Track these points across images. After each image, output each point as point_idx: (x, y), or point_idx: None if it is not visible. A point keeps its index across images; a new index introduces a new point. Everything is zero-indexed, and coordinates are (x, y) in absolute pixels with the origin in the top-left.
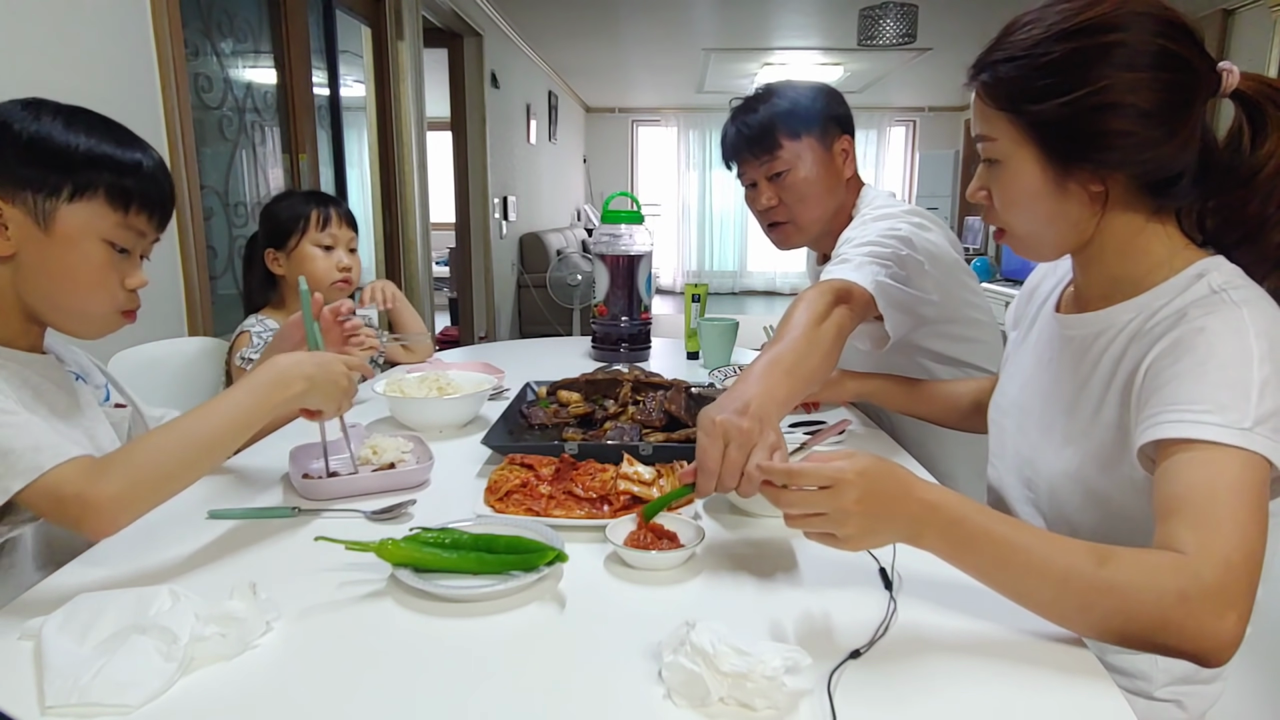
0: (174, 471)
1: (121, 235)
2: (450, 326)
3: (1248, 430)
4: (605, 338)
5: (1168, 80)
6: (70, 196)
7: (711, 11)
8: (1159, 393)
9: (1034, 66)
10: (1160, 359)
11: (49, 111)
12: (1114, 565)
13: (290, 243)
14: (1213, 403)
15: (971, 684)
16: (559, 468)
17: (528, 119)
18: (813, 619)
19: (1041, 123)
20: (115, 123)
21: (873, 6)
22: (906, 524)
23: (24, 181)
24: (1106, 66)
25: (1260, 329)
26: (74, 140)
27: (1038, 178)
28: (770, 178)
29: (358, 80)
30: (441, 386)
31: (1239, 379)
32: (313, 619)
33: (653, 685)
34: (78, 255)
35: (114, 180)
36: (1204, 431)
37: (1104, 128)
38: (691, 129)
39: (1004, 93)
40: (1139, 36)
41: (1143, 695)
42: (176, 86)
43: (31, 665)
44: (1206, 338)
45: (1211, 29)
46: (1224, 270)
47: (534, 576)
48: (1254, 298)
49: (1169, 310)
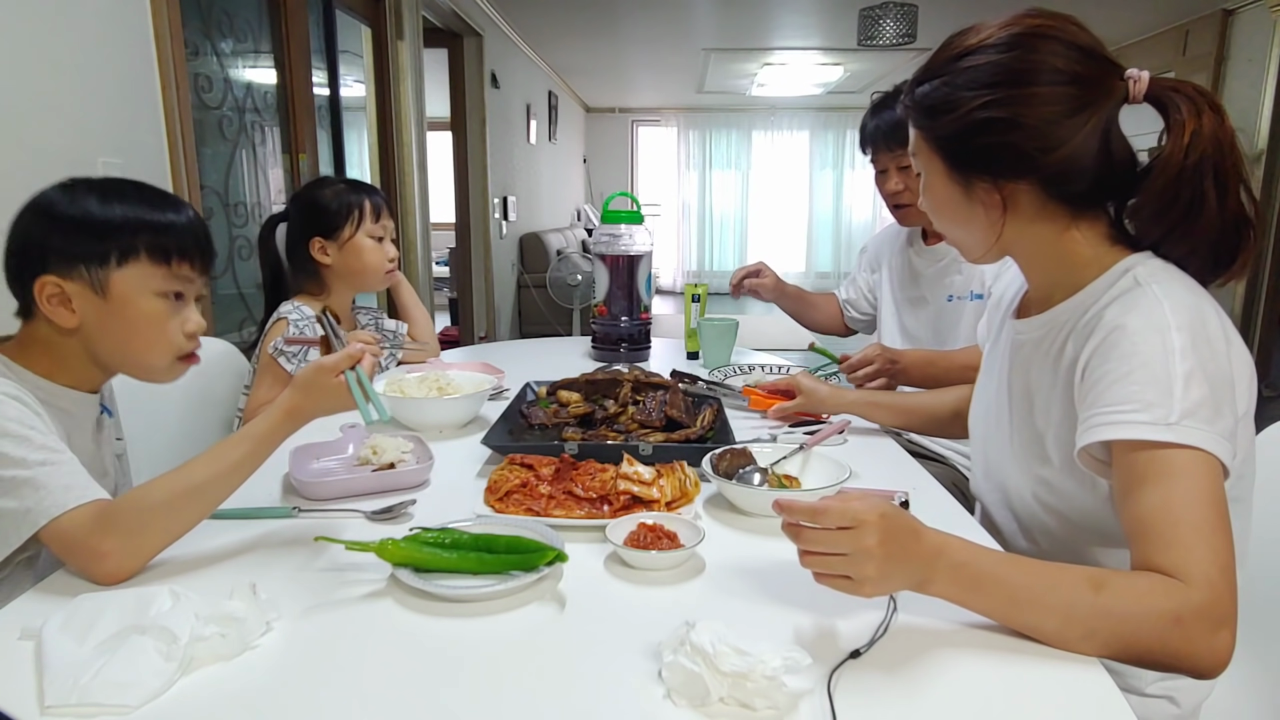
0: (177, 522)
1: (171, 284)
2: (450, 326)
3: (1173, 425)
4: (605, 338)
5: (1047, 95)
6: (118, 262)
7: (711, 11)
8: (1091, 393)
9: (935, 86)
10: (1091, 358)
11: (83, 189)
12: (1109, 593)
13: (344, 233)
14: (1139, 401)
15: (971, 683)
16: (559, 468)
17: (528, 119)
18: (813, 619)
19: (939, 137)
20: (148, 186)
21: (873, 6)
22: (918, 568)
23: (75, 257)
24: (988, 86)
25: (1181, 321)
26: (111, 212)
27: (945, 187)
28: (901, 168)
29: (358, 80)
30: (441, 386)
31: (1162, 375)
32: (313, 619)
33: (653, 685)
34: (135, 311)
35: (152, 240)
36: (1133, 431)
37: (987, 142)
38: (691, 129)
39: (914, 110)
40: (1021, 57)
41: (1134, 692)
42: (176, 86)
43: (31, 665)
44: (1129, 335)
45: (1211, 29)
46: (1149, 265)
47: (534, 576)
48: (1177, 290)
49: (1097, 308)
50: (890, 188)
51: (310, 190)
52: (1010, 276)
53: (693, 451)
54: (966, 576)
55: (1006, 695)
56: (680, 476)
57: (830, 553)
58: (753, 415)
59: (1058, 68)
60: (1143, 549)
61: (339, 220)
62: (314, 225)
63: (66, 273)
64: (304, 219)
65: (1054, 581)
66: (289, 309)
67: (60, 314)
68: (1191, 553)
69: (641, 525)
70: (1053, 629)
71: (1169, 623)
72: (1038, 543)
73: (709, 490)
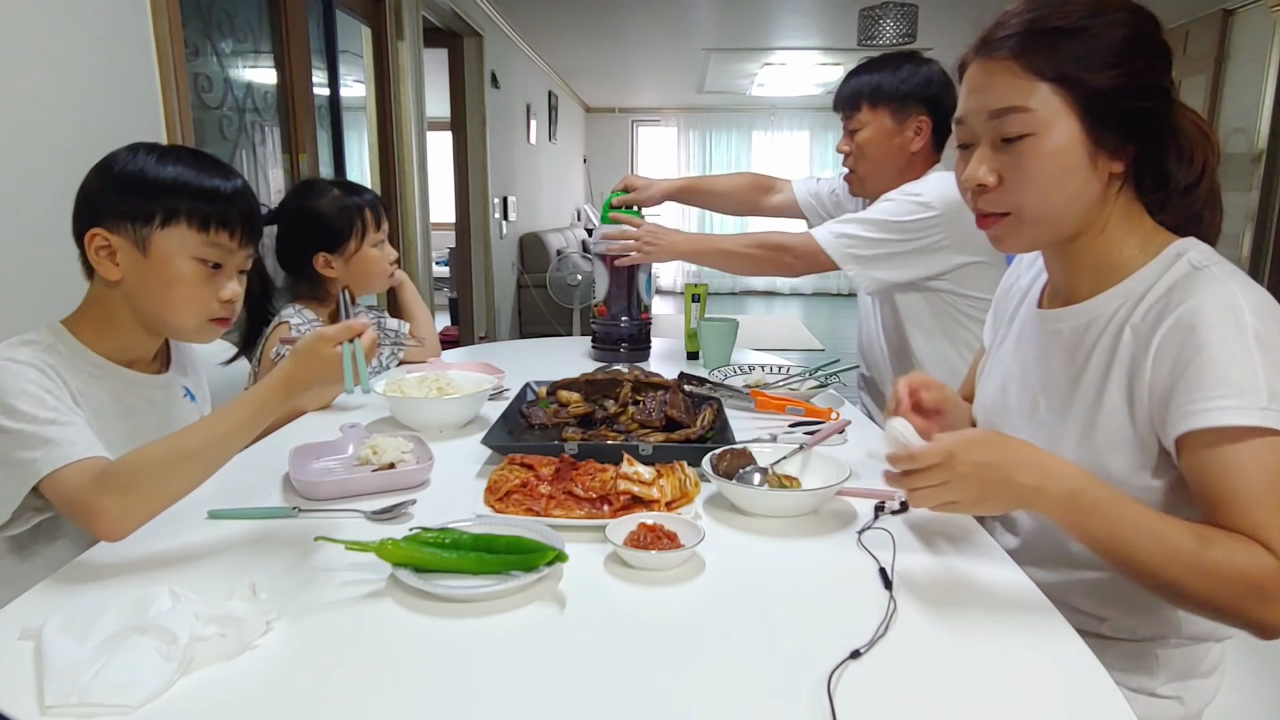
0: (174, 483)
1: (208, 252)
2: (450, 326)
3: (1265, 409)
4: (605, 338)
5: (1167, 70)
6: (161, 223)
7: (711, 11)
8: (1175, 387)
9: (1090, 38)
10: (1162, 346)
11: (145, 150)
12: (1215, 548)
13: (349, 247)
14: (1225, 385)
15: (971, 684)
16: (559, 468)
17: (528, 119)
18: (813, 619)
19: (1093, 93)
20: (204, 154)
21: (873, 6)
22: (1019, 486)
23: (124, 214)
24: (1149, 52)
25: (1250, 303)
26: (161, 173)
27: (1074, 152)
28: (850, 131)
29: (358, 80)
30: (441, 386)
31: (1242, 357)
32: (313, 619)
33: (653, 685)
34: (171, 272)
35: (193, 205)
36: (1226, 417)
37: (1145, 106)
38: (691, 129)
39: (1053, 60)
40: (1159, 31)
41: (1144, 693)
42: (176, 86)
43: (31, 665)
44: (1204, 318)
45: (1211, 29)
46: (1200, 249)
47: (534, 576)
48: (1234, 271)
49: (1157, 293)
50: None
51: (305, 200)
52: (1022, 265)
53: (693, 451)
54: (1083, 503)
55: (1006, 695)
56: (680, 476)
57: (932, 485)
58: (752, 415)
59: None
60: (1231, 520)
61: (343, 235)
62: (316, 240)
63: (114, 227)
64: (305, 232)
65: (1165, 524)
66: (290, 312)
67: (105, 266)
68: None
69: (641, 525)
70: (1153, 565)
71: (1252, 589)
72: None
73: (709, 490)
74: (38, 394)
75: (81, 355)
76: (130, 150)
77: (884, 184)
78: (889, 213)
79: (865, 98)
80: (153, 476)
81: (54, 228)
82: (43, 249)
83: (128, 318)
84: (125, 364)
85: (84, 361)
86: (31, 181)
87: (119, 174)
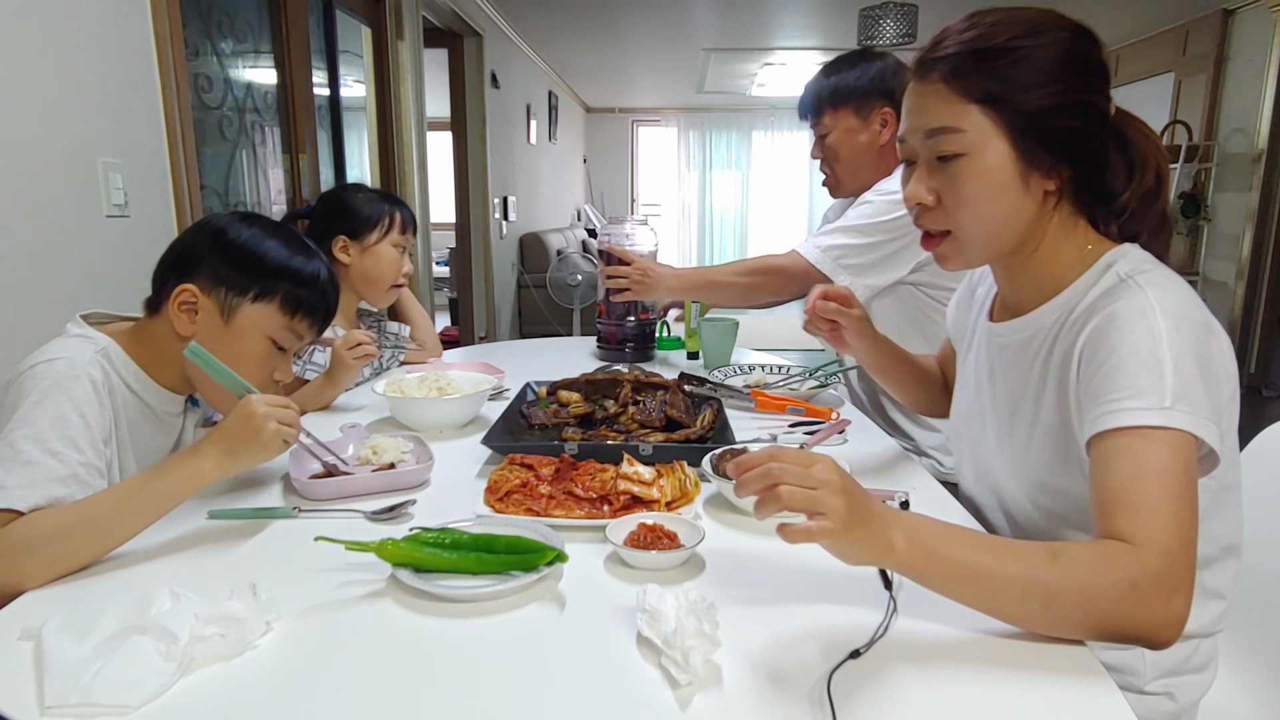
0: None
1: (284, 336)
2: (450, 326)
3: (1168, 409)
4: (610, 337)
5: (1103, 88)
6: (255, 298)
7: (711, 11)
8: (1088, 390)
9: (1018, 60)
10: (1083, 354)
11: (259, 225)
12: (1065, 560)
13: (370, 236)
14: (1131, 388)
15: (971, 684)
16: (559, 468)
17: (528, 119)
18: (813, 619)
19: (1021, 113)
20: (303, 238)
21: (873, 6)
22: (878, 525)
23: (223, 280)
24: (1079, 70)
25: (1165, 306)
26: (270, 251)
27: (1005, 171)
28: (820, 137)
29: (358, 80)
30: (441, 387)
31: (1151, 360)
32: (313, 619)
33: (653, 685)
34: (244, 345)
35: (291, 290)
36: (1129, 418)
37: (1075, 125)
38: (691, 129)
39: (982, 83)
40: (1096, 50)
41: (1133, 690)
42: (176, 86)
43: (31, 665)
44: (1116, 325)
45: (1211, 29)
46: (1131, 257)
47: (534, 576)
48: (1159, 279)
49: (1084, 305)
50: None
51: (343, 191)
52: (978, 273)
53: (693, 451)
54: (922, 546)
55: (1006, 696)
56: (680, 476)
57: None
58: (752, 415)
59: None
60: (1107, 518)
61: (370, 224)
62: (340, 224)
63: (208, 289)
64: (330, 217)
65: (1011, 552)
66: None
67: (181, 320)
68: (1154, 520)
69: (641, 525)
70: (1012, 600)
71: (1125, 589)
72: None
73: (709, 490)
74: (67, 416)
75: (125, 364)
76: (243, 219)
77: (861, 180)
78: (869, 215)
79: (826, 101)
80: (46, 544)
81: (54, 228)
82: (43, 249)
83: (175, 363)
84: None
85: (133, 378)
86: (32, 182)
87: (228, 240)
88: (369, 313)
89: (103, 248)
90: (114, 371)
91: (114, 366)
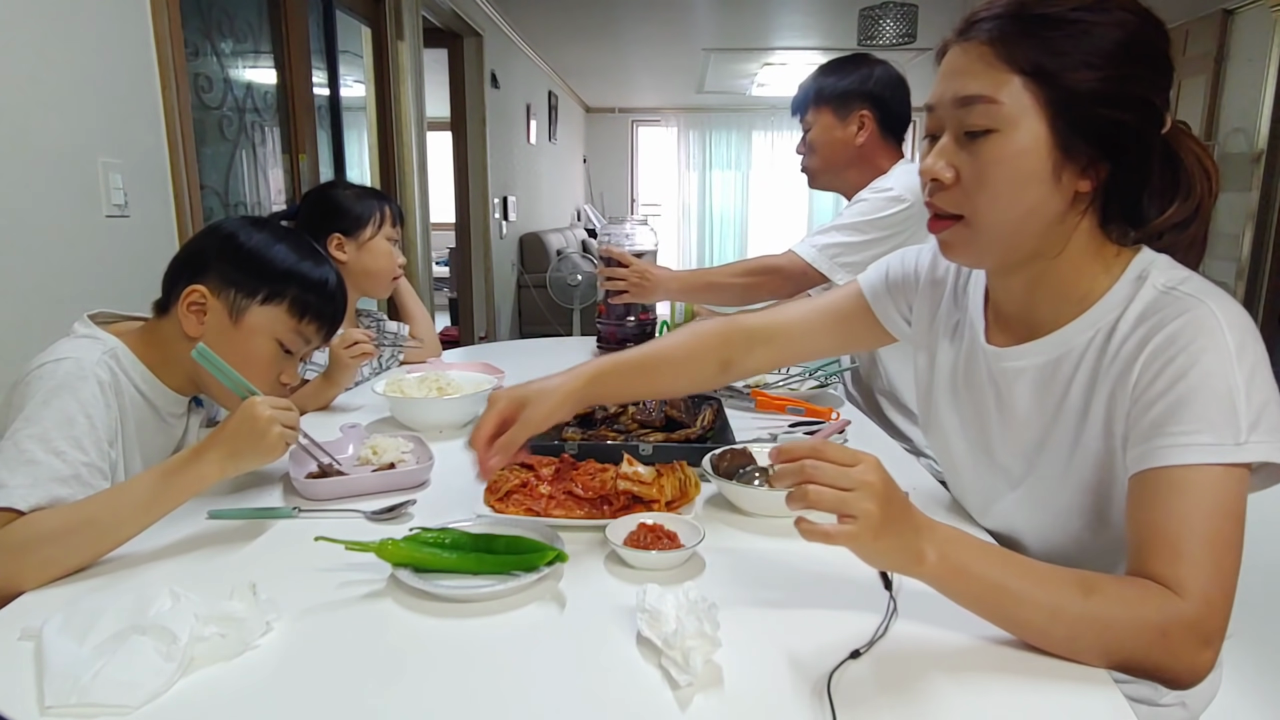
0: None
1: (291, 339)
2: (450, 326)
3: (1242, 445)
4: (611, 337)
5: (1164, 86)
6: (263, 300)
7: (711, 11)
8: (1149, 418)
9: (1077, 33)
10: (1141, 377)
11: (266, 229)
12: (1099, 598)
13: (365, 233)
14: (1200, 420)
15: (971, 684)
16: (559, 468)
17: (528, 119)
18: (813, 619)
19: (1068, 93)
20: (313, 244)
21: (873, 6)
22: (912, 534)
23: (232, 282)
24: (1140, 59)
25: (1230, 320)
26: (279, 255)
27: (1038, 157)
28: (805, 132)
29: (358, 80)
30: (441, 386)
31: (1224, 388)
32: (313, 619)
33: (653, 685)
34: (252, 346)
35: (299, 294)
36: (1196, 455)
37: (1124, 120)
38: (691, 129)
39: (1032, 52)
40: (1164, 43)
41: (1148, 703)
42: (176, 86)
43: (31, 665)
44: (1180, 344)
45: (1211, 29)
46: (1160, 264)
47: (534, 576)
48: (1207, 287)
49: (1128, 321)
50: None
51: (329, 189)
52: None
53: (693, 451)
54: (953, 562)
55: (1007, 695)
56: (680, 476)
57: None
58: (752, 415)
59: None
60: (1147, 557)
61: (363, 220)
62: (334, 222)
63: (218, 291)
64: (322, 216)
65: (1043, 578)
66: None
67: (190, 321)
68: (1197, 567)
69: (641, 525)
70: (1037, 626)
71: (1155, 634)
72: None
73: (709, 490)
74: (72, 416)
75: (133, 364)
76: (253, 223)
77: (834, 175)
78: (865, 212)
79: (811, 101)
80: (43, 545)
81: (54, 228)
82: (43, 249)
83: (183, 364)
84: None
85: (136, 373)
86: (32, 182)
87: (241, 245)
88: (368, 313)
89: (102, 248)
90: (122, 373)
91: (122, 367)
